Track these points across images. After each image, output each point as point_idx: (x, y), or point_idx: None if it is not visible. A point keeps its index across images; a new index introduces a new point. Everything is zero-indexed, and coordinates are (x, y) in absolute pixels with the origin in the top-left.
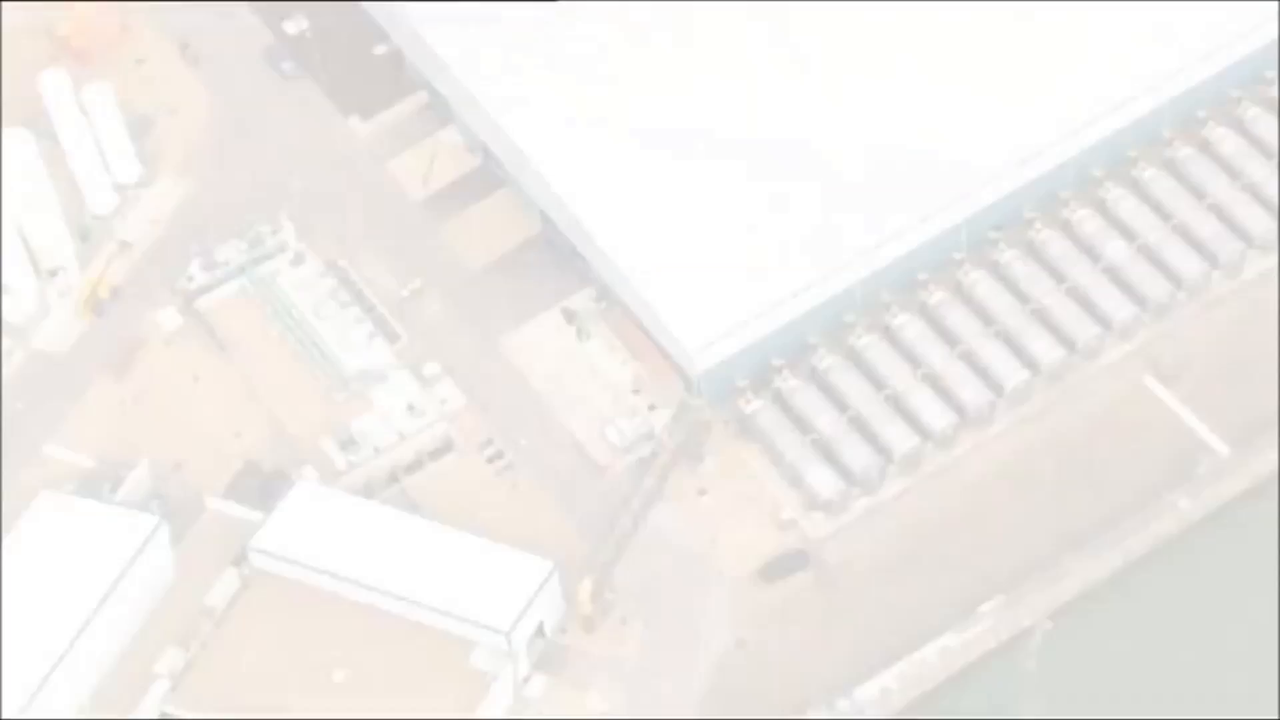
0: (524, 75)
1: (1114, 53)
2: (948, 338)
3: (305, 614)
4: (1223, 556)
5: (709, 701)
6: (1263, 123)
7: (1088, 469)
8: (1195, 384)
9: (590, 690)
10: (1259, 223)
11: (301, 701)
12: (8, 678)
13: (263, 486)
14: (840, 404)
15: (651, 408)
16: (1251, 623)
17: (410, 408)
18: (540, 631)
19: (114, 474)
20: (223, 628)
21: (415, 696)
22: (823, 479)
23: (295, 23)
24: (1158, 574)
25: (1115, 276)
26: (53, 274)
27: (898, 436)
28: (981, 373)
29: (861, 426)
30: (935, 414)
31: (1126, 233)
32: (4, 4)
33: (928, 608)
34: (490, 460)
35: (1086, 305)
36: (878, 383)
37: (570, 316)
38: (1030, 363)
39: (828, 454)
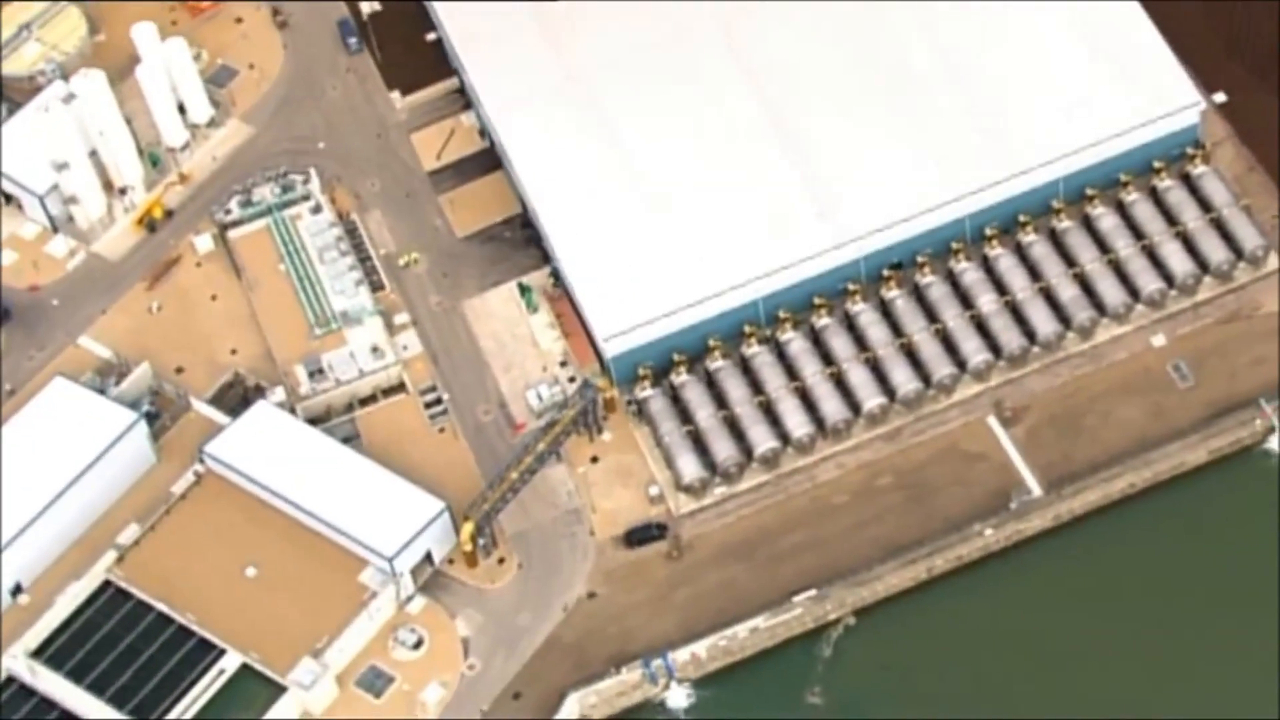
0: (523, 76)
1: (1029, 125)
2: (825, 358)
3: (236, 515)
4: (1013, 585)
5: (551, 639)
6: (1140, 205)
7: (920, 490)
8: (1028, 428)
9: (459, 615)
10: (1114, 295)
11: (215, 588)
12: None
13: (242, 398)
14: (720, 402)
15: (572, 380)
16: (1025, 650)
17: (375, 349)
18: (429, 559)
19: (122, 369)
20: (170, 515)
21: (308, 600)
22: (688, 465)
23: (370, 5)
24: (954, 591)
25: (980, 324)
26: (123, 192)
27: (760, 437)
28: (847, 392)
29: (733, 424)
30: (798, 423)
31: (1000, 287)
32: None
33: (753, 591)
34: (428, 405)
35: (950, 346)
36: (756, 388)
37: (524, 290)
38: (890, 390)
39: (698, 444)
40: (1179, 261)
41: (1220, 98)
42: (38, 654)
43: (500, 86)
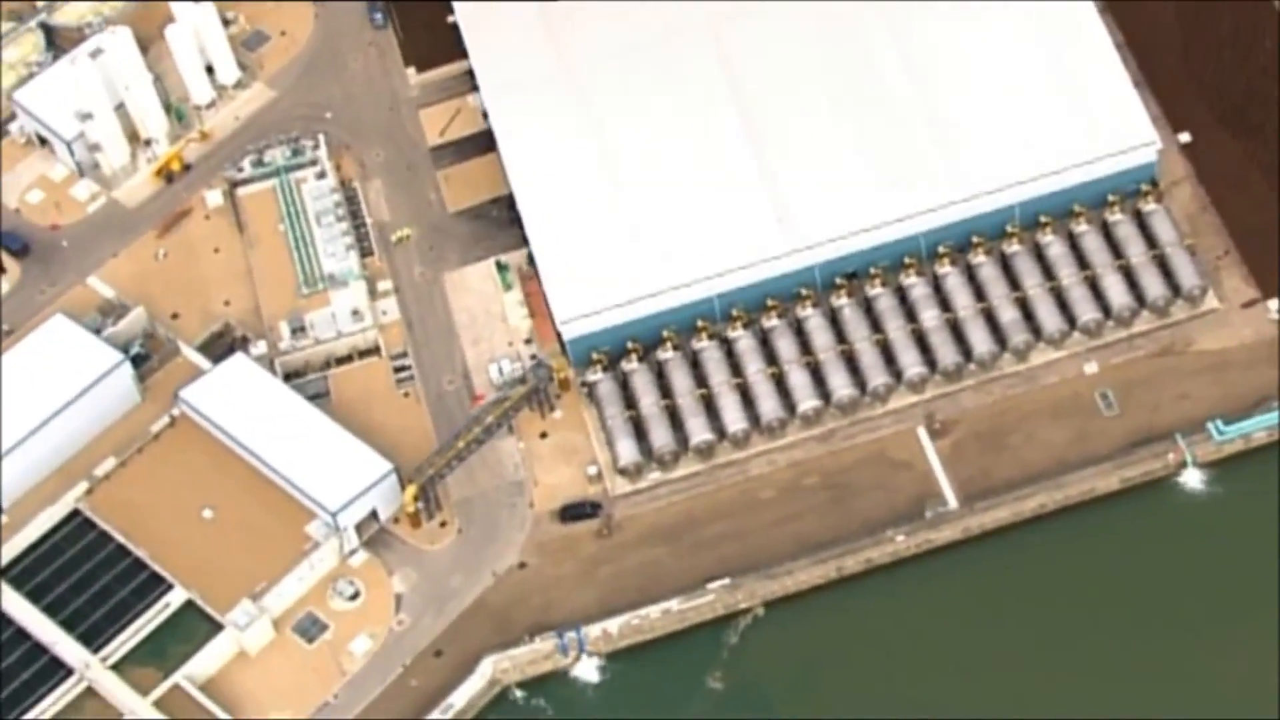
0: (522, 64)
1: (989, 150)
2: (770, 358)
3: (201, 458)
4: (918, 591)
5: (479, 603)
6: (1089, 237)
7: (843, 492)
8: (954, 442)
9: (397, 573)
10: (1052, 321)
11: (173, 526)
12: None
13: (229, 348)
14: (665, 391)
15: (533, 358)
16: (921, 654)
17: (355, 312)
18: (375, 517)
19: (121, 310)
20: (142, 454)
21: (255, 545)
22: (626, 449)
23: None
24: (860, 592)
25: (921, 338)
26: (148, 144)
27: (697, 429)
28: (785, 392)
29: (674, 414)
30: (734, 418)
31: (945, 304)
32: None
33: (672, 574)
34: (397, 369)
35: (889, 356)
36: (701, 381)
37: (501, 268)
38: (826, 393)
39: (639, 429)
40: (1118, 294)
41: (1185, 138)
42: (3, 573)
43: (499, 72)
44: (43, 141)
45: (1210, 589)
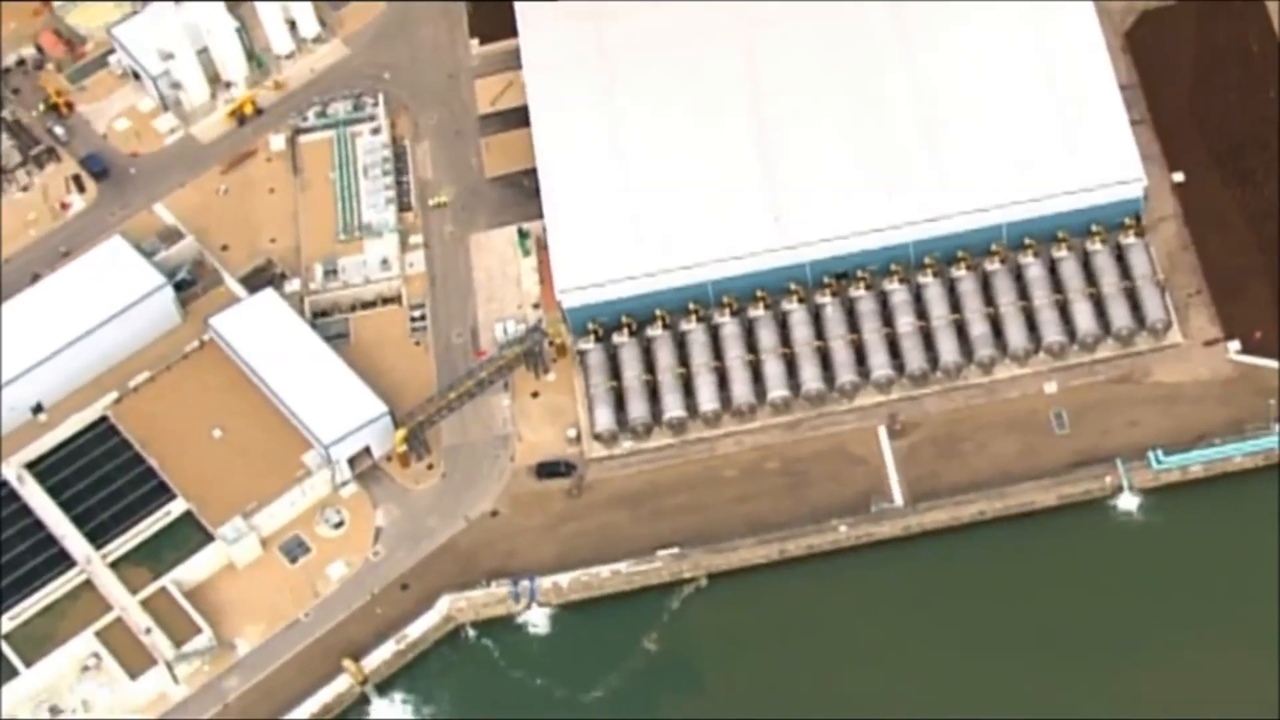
0: (563, 46)
1: (983, 171)
2: (750, 345)
3: (220, 382)
4: (853, 581)
5: (449, 544)
6: (1067, 263)
7: (799, 479)
8: (911, 443)
9: (381, 507)
10: (1019, 339)
11: (185, 441)
12: (10, 362)
13: (268, 282)
14: (649, 366)
15: (540, 321)
16: (848, 641)
17: (384, 262)
18: (369, 453)
19: (175, 237)
20: (170, 371)
21: (255, 467)
22: (604, 416)
23: None
24: (799, 575)
25: (893, 341)
26: (227, 86)
27: (672, 405)
28: (760, 379)
29: (652, 389)
30: (707, 398)
31: (921, 313)
32: None
33: (628, 538)
34: (412, 319)
35: (861, 356)
36: (683, 360)
37: (522, 235)
38: (796, 384)
39: (619, 400)
40: (1085, 320)
41: (1178, 177)
42: (30, 466)
43: (542, 52)
44: (135, 75)
45: (1129, 609)
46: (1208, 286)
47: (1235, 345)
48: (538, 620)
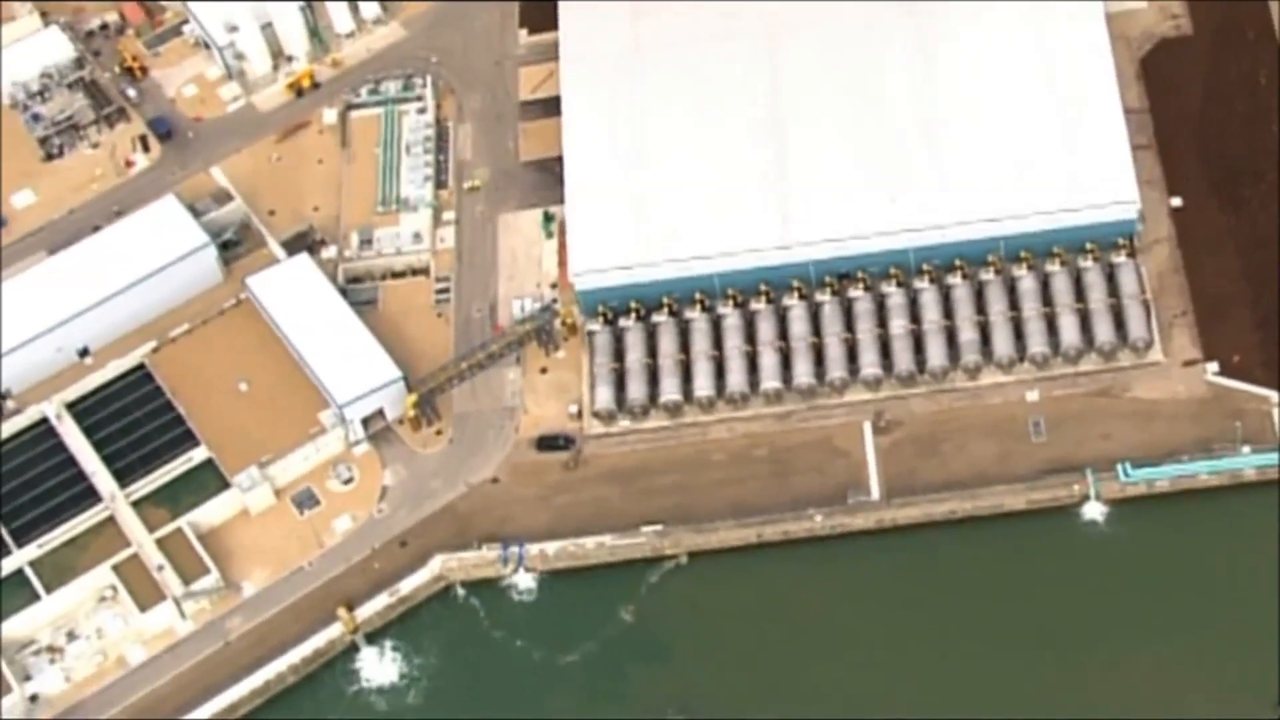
0: (599, 40)
1: (985, 185)
2: (749, 337)
3: (251, 339)
4: (825, 568)
5: (449, 506)
6: (1059, 277)
7: (784, 467)
8: (894, 440)
9: (389, 467)
10: (1005, 347)
11: (212, 392)
12: (62, 306)
13: (307, 247)
14: (651, 351)
15: (554, 300)
16: (815, 626)
17: (416, 235)
18: (381, 415)
19: (225, 200)
20: (206, 326)
21: (274, 421)
22: (603, 395)
23: None
24: (773, 560)
25: (885, 343)
26: (289, 60)
27: (669, 388)
28: (755, 370)
29: (652, 373)
30: (703, 384)
31: (914, 316)
32: None
33: (617, 513)
34: (437, 291)
35: (853, 354)
36: (684, 347)
37: (547, 218)
38: (789, 377)
39: (620, 381)
40: (1070, 333)
41: (1176, 202)
42: (70, 405)
43: (579, 44)
44: (205, 45)
45: (1085, 613)
46: (1193, 309)
47: (1213, 367)
48: (523, 584)
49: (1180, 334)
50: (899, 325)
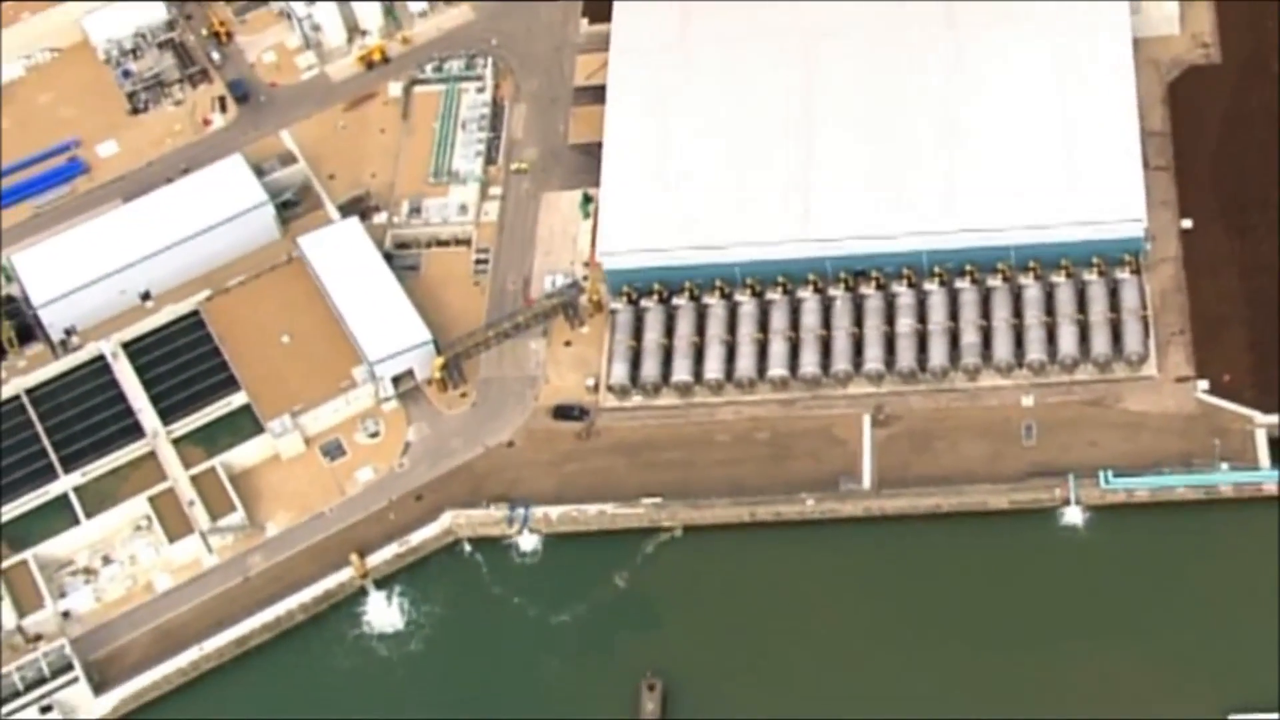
0: (649, 31)
1: (1000, 194)
2: (761, 325)
3: (298, 294)
4: (811, 551)
5: (465, 465)
6: (1063, 289)
7: (783, 451)
8: (890, 434)
9: (414, 424)
10: (1004, 352)
11: (257, 341)
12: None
13: (359, 211)
14: (668, 332)
15: (584, 277)
16: (796, 607)
17: (462, 207)
18: (411, 375)
19: (290, 162)
20: (258, 279)
21: (310, 373)
22: (619, 371)
23: None
24: (764, 539)
25: (890, 340)
26: (362, 34)
27: (681, 369)
28: (764, 357)
29: (666, 353)
30: (714, 367)
31: (921, 316)
32: None
33: (620, 483)
34: (476, 261)
35: (859, 348)
36: (700, 330)
37: (586, 199)
38: (796, 366)
39: (635, 358)
40: (1068, 343)
41: (1187, 224)
42: (126, 345)
43: (629, 36)
44: (288, 16)
45: (1054, 612)
46: (1191, 328)
47: (1204, 385)
48: (526, 545)
49: (1176, 351)
50: (905, 324)
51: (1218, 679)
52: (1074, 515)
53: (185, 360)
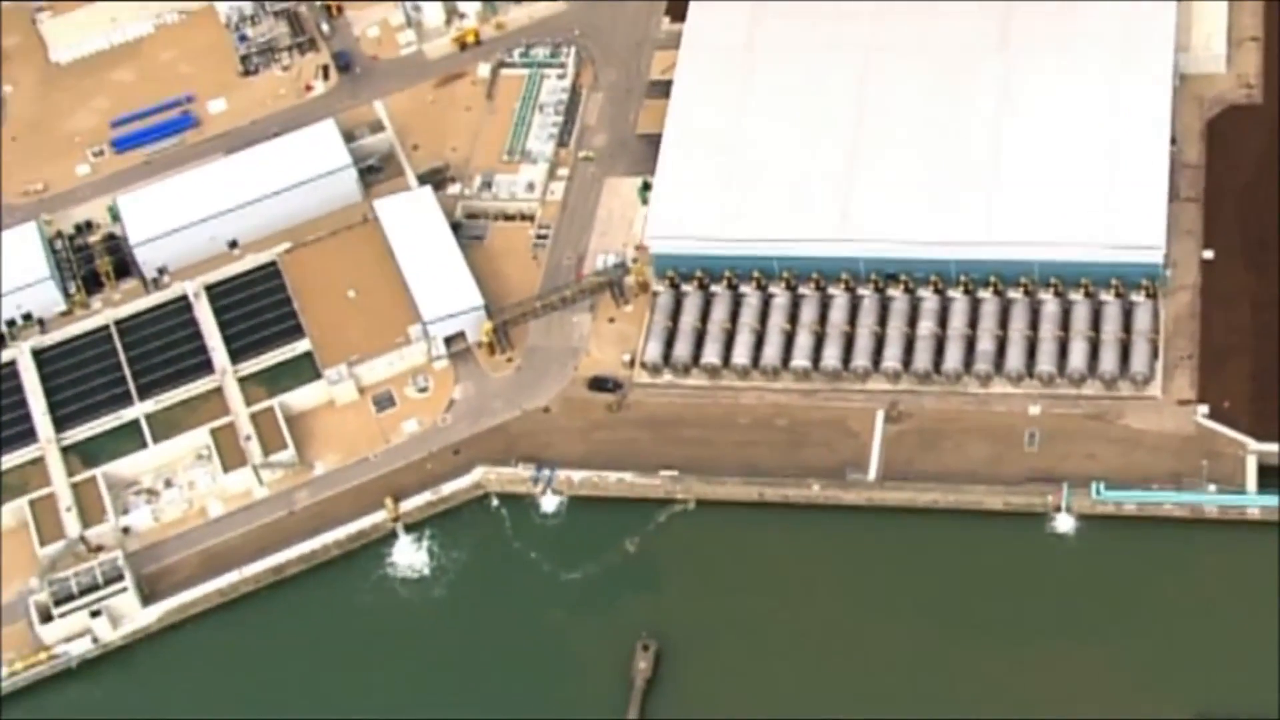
0: (721, 31)
1: (1029, 214)
2: (791, 317)
3: (367, 254)
4: (813, 533)
5: (502, 426)
6: (1079, 306)
7: (798, 438)
8: (901, 430)
9: (461, 383)
10: (1016, 362)
11: (324, 294)
12: (220, 201)
13: (436, 182)
14: (703, 316)
15: (634, 260)
16: (786, 582)
17: (530, 185)
18: (462, 337)
19: (378, 130)
20: (336, 235)
21: (369, 327)
22: (654, 350)
23: None
24: (769, 518)
25: (909, 341)
26: (460, 17)
27: (711, 353)
28: (789, 348)
29: (699, 336)
30: (742, 353)
31: (942, 321)
32: None
33: (642, 454)
34: (537, 236)
35: (879, 346)
36: (733, 318)
37: (645, 186)
38: (819, 359)
39: (670, 339)
40: (1078, 358)
41: (1208, 255)
42: (209, 288)
43: (700, 36)
44: None
45: (1038, 613)
46: (1199, 354)
47: (1204, 409)
48: (548, 504)
49: (1182, 375)
50: (925, 327)
51: (1189, 683)
52: (1065, 522)
53: (259, 306)
